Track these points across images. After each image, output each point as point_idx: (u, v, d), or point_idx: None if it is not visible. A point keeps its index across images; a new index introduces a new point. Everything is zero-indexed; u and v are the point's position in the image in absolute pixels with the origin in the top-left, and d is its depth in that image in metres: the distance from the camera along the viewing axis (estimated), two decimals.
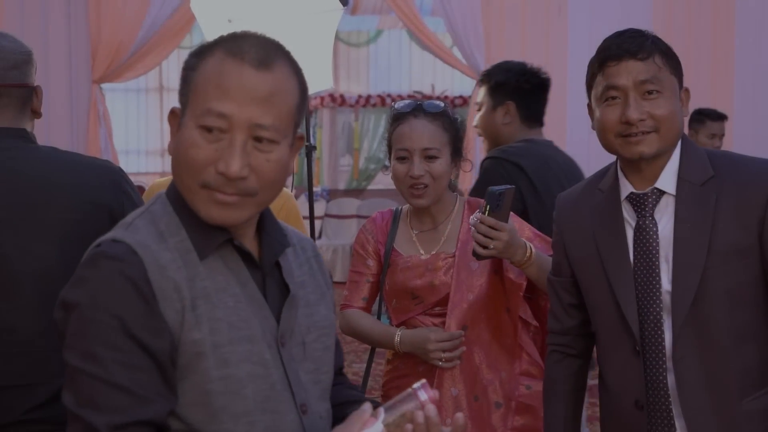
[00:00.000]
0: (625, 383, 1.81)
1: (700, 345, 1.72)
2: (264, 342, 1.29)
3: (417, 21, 7.31)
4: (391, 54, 10.76)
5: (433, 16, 7.97)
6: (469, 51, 7.21)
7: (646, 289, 1.76)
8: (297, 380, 1.33)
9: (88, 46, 6.74)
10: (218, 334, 1.23)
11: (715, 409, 1.72)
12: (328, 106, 9.36)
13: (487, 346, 2.20)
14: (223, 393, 1.22)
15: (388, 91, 10.22)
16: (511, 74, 2.87)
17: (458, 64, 7.46)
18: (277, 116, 1.24)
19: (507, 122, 2.89)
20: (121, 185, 1.93)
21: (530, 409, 2.20)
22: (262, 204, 1.30)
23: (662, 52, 1.74)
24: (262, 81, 1.22)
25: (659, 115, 1.71)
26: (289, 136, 1.28)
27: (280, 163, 1.25)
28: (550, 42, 7.40)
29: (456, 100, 9.36)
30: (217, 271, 1.28)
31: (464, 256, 2.21)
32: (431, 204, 2.23)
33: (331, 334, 1.45)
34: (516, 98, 2.86)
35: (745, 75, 7.14)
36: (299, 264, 1.43)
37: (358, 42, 10.68)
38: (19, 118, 1.91)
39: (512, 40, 7.37)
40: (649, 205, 1.77)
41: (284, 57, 1.28)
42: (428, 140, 2.18)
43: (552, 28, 7.39)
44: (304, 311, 1.39)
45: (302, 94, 1.30)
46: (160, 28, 6.73)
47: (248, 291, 1.31)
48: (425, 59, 9.51)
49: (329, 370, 1.42)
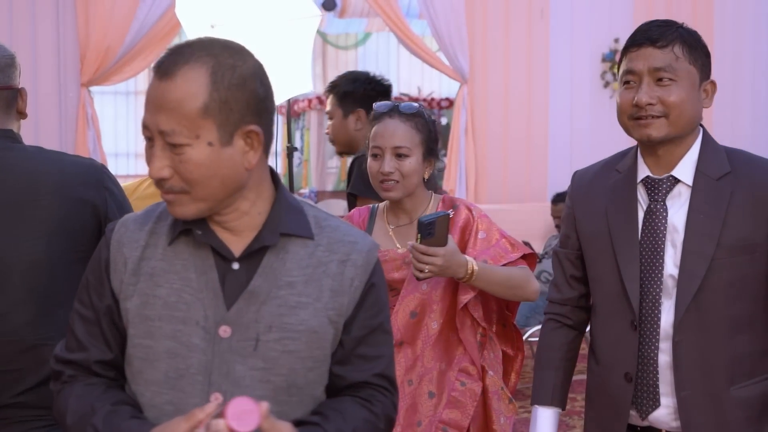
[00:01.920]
0: (618, 355, 1.89)
1: (699, 330, 1.80)
2: (199, 327, 1.39)
3: (402, 24, 7.36)
4: (379, 57, 10.80)
5: (421, 19, 8.04)
6: (453, 54, 7.29)
7: (649, 269, 1.84)
8: (224, 371, 1.39)
9: (76, 50, 6.79)
10: (151, 308, 1.41)
11: (706, 392, 1.81)
12: (316, 108, 9.39)
13: (433, 337, 2.30)
14: (141, 359, 1.42)
15: None
16: (359, 83, 3.09)
17: (443, 67, 7.53)
18: (179, 121, 1.32)
19: (359, 128, 3.09)
20: (103, 182, 2.02)
21: (460, 405, 2.29)
22: (206, 199, 1.37)
23: (685, 42, 1.81)
24: (163, 90, 1.33)
25: (669, 102, 1.78)
26: (207, 136, 1.33)
27: (195, 162, 1.33)
28: (532, 45, 7.49)
29: (442, 102, 9.45)
30: (179, 256, 1.43)
31: None
32: (402, 198, 2.34)
33: (303, 339, 1.41)
34: (365, 105, 3.04)
35: (724, 77, 7.27)
36: (305, 264, 1.44)
37: (347, 45, 10.72)
38: (5, 119, 2.00)
39: (495, 43, 7.45)
40: (662, 191, 1.85)
41: (195, 61, 1.34)
42: (399, 139, 2.30)
43: (534, 31, 7.48)
44: (274, 310, 1.41)
45: (217, 93, 1.33)
46: (148, 31, 6.75)
47: (206, 278, 1.41)
48: (413, 62, 9.56)
49: (290, 375, 1.41)
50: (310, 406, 1.45)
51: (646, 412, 1.86)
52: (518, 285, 2.31)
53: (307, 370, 1.42)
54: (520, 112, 7.52)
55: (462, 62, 7.31)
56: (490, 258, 2.30)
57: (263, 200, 1.45)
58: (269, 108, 1.42)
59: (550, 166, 7.60)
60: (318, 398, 1.47)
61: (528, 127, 7.56)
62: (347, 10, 9.04)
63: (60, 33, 6.76)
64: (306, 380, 1.43)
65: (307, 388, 1.44)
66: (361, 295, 1.46)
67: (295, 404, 1.42)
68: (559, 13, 7.49)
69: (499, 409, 2.35)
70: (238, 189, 1.40)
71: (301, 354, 1.41)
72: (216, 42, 1.39)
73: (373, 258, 1.49)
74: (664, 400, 1.84)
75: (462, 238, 2.34)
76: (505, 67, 7.49)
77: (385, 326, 1.51)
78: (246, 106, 1.36)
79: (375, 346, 1.49)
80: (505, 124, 7.54)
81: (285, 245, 1.44)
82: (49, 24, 6.75)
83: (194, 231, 1.42)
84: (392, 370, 1.54)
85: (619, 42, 7.50)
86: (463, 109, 7.43)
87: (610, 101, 7.57)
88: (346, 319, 1.45)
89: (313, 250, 1.45)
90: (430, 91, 9.87)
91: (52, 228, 1.92)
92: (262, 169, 1.45)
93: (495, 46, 7.46)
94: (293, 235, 1.44)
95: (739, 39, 7.51)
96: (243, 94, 1.35)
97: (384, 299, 1.53)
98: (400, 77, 10.61)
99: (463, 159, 7.48)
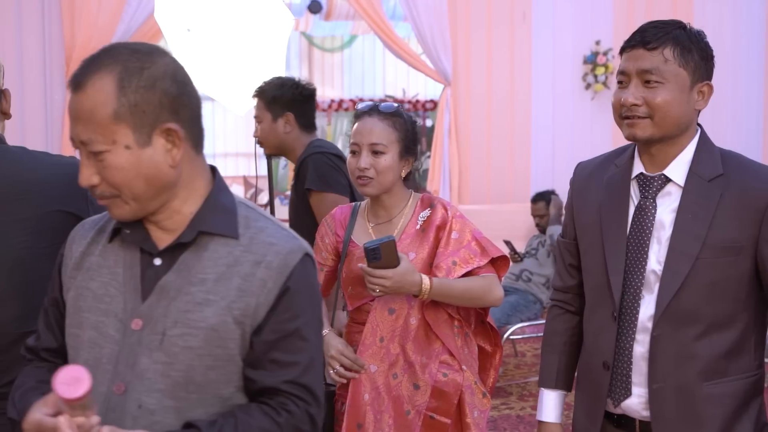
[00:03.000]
0: (599, 344, 1.95)
1: (677, 326, 1.83)
2: (117, 319, 1.45)
3: (386, 28, 7.40)
4: (365, 59, 10.83)
5: (405, 22, 8.10)
6: (436, 56, 7.35)
7: (633, 263, 1.88)
8: (131, 362, 1.42)
9: (62, 52, 6.81)
10: (84, 300, 1.49)
11: (678, 386, 1.84)
12: None
13: (413, 332, 2.37)
14: (72, 348, 1.51)
15: (362, 96, 10.29)
16: (286, 88, 3.19)
17: (427, 70, 7.59)
18: (93, 129, 1.37)
19: (288, 131, 3.20)
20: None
21: (445, 395, 2.36)
22: (137, 200, 1.41)
23: (678, 45, 1.82)
24: (76, 102, 1.38)
25: (654, 104, 1.80)
26: (123, 140, 1.37)
27: (116, 167, 1.38)
28: (514, 47, 7.55)
29: (427, 104, 9.51)
30: (114, 252, 1.50)
31: (403, 247, 2.38)
32: (377, 193, 2.41)
33: (202, 336, 1.41)
34: (293, 109, 3.17)
35: None
36: (221, 263, 1.44)
37: (332, 47, 10.75)
38: None
39: (478, 45, 7.51)
40: (653, 189, 1.88)
41: (101, 70, 1.37)
42: (376, 136, 2.37)
43: (516, 33, 7.54)
44: (182, 306, 1.42)
45: (126, 97, 1.36)
46: (134, 34, 6.78)
47: (130, 273, 1.47)
48: (398, 64, 9.61)
49: (188, 371, 1.41)
50: (216, 406, 1.43)
51: (618, 400, 1.92)
52: (477, 296, 2.38)
53: (206, 368, 1.41)
54: (503, 113, 7.58)
55: (445, 64, 7.38)
56: (459, 259, 2.36)
57: (195, 199, 1.47)
58: (188, 103, 1.43)
59: (533, 166, 7.65)
60: (227, 399, 1.44)
61: (511, 128, 7.62)
62: (333, 12, 9.08)
63: (45, 34, 6.79)
64: (206, 378, 1.42)
65: (209, 387, 1.42)
66: (275, 299, 1.43)
67: (194, 401, 1.42)
68: (541, 15, 7.56)
69: (473, 403, 2.40)
70: (168, 187, 1.43)
71: (199, 351, 1.41)
72: (124, 48, 1.41)
73: (292, 261, 1.45)
74: (636, 390, 1.89)
75: (437, 237, 2.40)
76: (488, 70, 7.55)
77: (302, 333, 1.45)
78: (159, 105, 1.38)
79: (289, 353, 1.44)
80: (488, 126, 7.60)
81: (206, 243, 1.45)
82: (34, 25, 6.78)
83: (123, 230, 1.48)
84: (312, 380, 1.47)
85: (600, 44, 7.58)
86: (446, 110, 7.49)
87: (591, 103, 7.65)
88: (259, 321, 1.42)
89: (232, 249, 1.45)
90: (415, 93, 9.94)
91: (36, 226, 1.97)
92: (194, 167, 1.47)
93: (478, 49, 7.52)
94: (216, 234, 1.45)
95: (718, 41, 7.58)
96: (154, 95, 1.38)
97: (305, 305, 1.47)
98: (386, 79, 10.65)
99: (447, 160, 7.53)
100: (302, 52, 10.66)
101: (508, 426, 4.50)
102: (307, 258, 1.49)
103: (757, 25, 7.92)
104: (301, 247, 1.48)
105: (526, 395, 4.98)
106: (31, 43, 6.70)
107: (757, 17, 7.91)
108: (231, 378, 1.44)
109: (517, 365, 5.59)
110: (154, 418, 1.41)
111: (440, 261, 2.36)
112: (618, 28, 7.49)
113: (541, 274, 5.47)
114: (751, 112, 7.98)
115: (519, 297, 5.35)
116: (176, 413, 1.41)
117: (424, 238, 2.40)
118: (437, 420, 2.35)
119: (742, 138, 7.67)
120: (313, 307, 1.50)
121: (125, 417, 1.41)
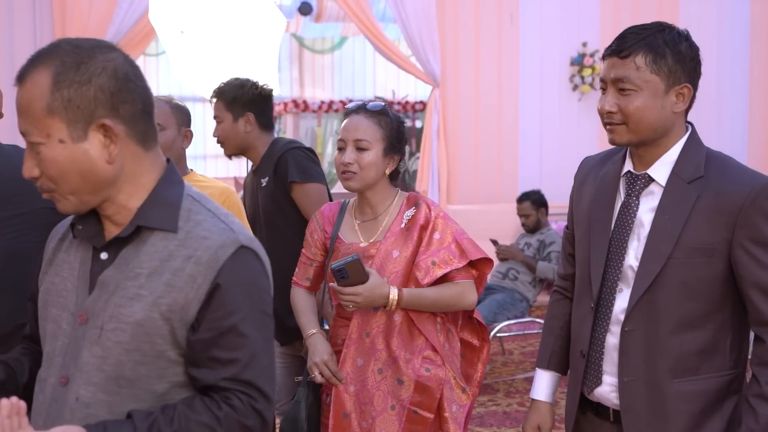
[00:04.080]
0: (579, 333, 2.03)
1: (649, 323, 1.88)
2: (70, 313, 1.48)
3: (375, 30, 7.44)
4: (355, 60, 10.85)
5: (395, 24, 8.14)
6: (425, 58, 7.41)
7: (613, 258, 1.95)
8: (74, 355, 1.45)
9: None
10: (50, 295, 1.53)
11: (648, 381, 1.89)
12: (292, 111, 9.48)
13: (397, 327, 2.43)
14: (41, 338, 1.55)
15: (352, 97, 10.31)
16: (246, 89, 3.27)
17: (416, 71, 7.63)
18: (30, 122, 1.39)
19: (249, 130, 3.27)
20: None
21: (427, 389, 2.42)
22: (74, 193, 1.42)
23: (651, 51, 1.84)
24: (18, 96, 1.41)
25: (627, 111, 1.86)
26: (57, 134, 1.38)
27: (50, 159, 1.39)
28: (502, 49, 7.61)
29: (416, 105, 9.55)
30: (76, 248, 1.53)
31: (387, 245, 2.45)
32: (360, 188, 2.47)
33: (129, 331, 1.40)
34: (253, 109, 3.25)
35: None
36: (157, 257, 1.43)
37: (323, 49, 10.78)
38: None
39: (466, 47, 7.57)
40: (637, 187, 1.93)
41: (40, 65, 1.39)
42: (361, 133, 2.44)
43: (504, 35, 7.60)
44: (118, 301, 1.42)
45: (60, 92, 1.36)
46: (125, 35, 6.82)
47: (84, 268, 1.49)
48: (388, 66, 9.65)
49: (118, 366, 1.41)
50: (150, 402, 1.42)
51: (591, 388, 2.00)
52: (449, 304, 2.45)
53: (135, 364, 1.40)
54: (491, 114, 7.65)
55: (434, 66, 7.43)
56: (439, 260, 2.42)
57: (142, 194, 1.46)
58: (130, 100, 1.41)
59: (521, 167, 7.72)
60: (161, 395, 1.43)
61: (498, 129, 7.68)
62: (323, 14, 9.11)
63: (37, 37, 6.82)
64: (135, 374, 1.41)
65: (140, 383, 1.41)
66: (206, 295, 1.40)
67: (126, 396, 1.41)
68: (529, 18, 7.63)
69: (451, 398, 2.45)
70: (106, 182, 1.42)
71: (127, 346, 1.40)
72: (67, 43, 1.41)
73: (223, 255, 1.41)
74: (607, 378, 1.97)
75: (420, 236, 2.45)
76: (476, 71, 7.62)
77: (240, 329, 1.41)
78: (94, 101, 1.37)
79: (228, 350, 1.41)
80: (476, 127, 7.66)
81: (146, 238, 1.44)
82: (26, 28, 6.82)
83: (76, 225, 1.50)
84: (255, 375, 1.43)
85: (587, 46, 7.65)
86: (435, 111, 7.54)
87: (578, 104, 7.72)
88: (192, 318, 1.40)
89: (168, 243, 1.43)
90: (405, 95, 9.98)
91: (29, 222, 2.03)
92: (140, 163, 1.46)
93: (466, 51, 7.58)
94: (156, 228, 1.44)
95: (704, 42, 7.64)
96: (89, 90, 1.37)
97: (241, 301, 1.42)
98: (376, 81, 10.67)
99: (436, 160, 7.58)
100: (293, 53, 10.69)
101: (494, 422, 4.55)
102: (244, 251, 1.44)
103: (742, 26, 8.00)
104: (235, 241, 1.44)
105: (512, 392, 5.04)
106: (22, 45, 6.72)
107: (741, 18, 7.99)
108: (163, 374, 1.42)
109: (504, 363, 5.65)
110: (88, 410, 1.42)
111: (420, 260, 2.41)
112: (604, 30, 7.57)
113: (528, 272, 5.54)
114: (736, 113, 8.07)
115: (506, 295, 5.41)
116: (109, 407, 1.41)
117: (409, 236, 2.45)
118: (420, 414, 2.40)
119: (727, 138, 7.75)
120: (252, 302, 1.44)
121: (65, 408, 1.43)
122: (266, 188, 3.21)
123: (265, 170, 3.22)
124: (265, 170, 3.22)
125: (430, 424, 2.42)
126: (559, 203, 6.65)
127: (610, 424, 2.00)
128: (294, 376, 3.12)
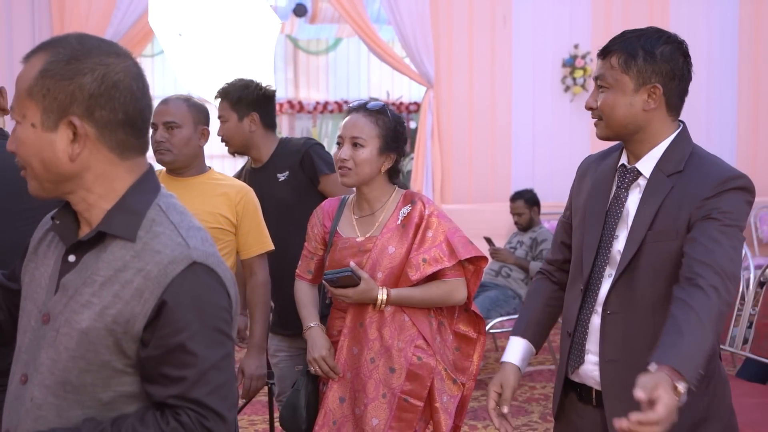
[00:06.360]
0: (568, 315, 2.13)
1: (626, 306, 1.99)
2: (38, 310, 1.47)
3: (370, 31, 7.50)
4: (350, 62, 10.87)
5: (389, 25, 8.19)
6: (419, 59, 7.48)
7: (604, 244, 2.06)
8: (34, 355, 1.45)
9: None
10: (28, 287, 1.53)
11: (626, 363, 1.98)
12: (287, 112, 9.52)
13: (388, 319, 2.52)
14: (18, 329, 1.54)
15: (347, 98, 10.33)
16: (250, 89, 3.34)
17: (410, 72, 7.71)
18: (15, 99, 1.42)
19: (253, 130, 3.35)
20: None
21: (418, 378, 2.50)
22: (36, 179, 1.44)
23: (625, 52, 1.98)
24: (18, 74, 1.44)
25: (600, 107, 2.02)
26: (31, 117, 1.39)
27: (20, 139, 1.41)
28: (495, 50, 7.68)
29: (411, 106, 9.61)
30: (56, 245, 1.52)
31: (383, 240, 2.53)
32: (355, 184, 2.56)
33: (75, 338, 1.39)
34: (257, 109, 3.33)
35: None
36: (113, 267, 1.41)
37: (318, 50, 10.80)
38: None
39: (460, 48, 7.63)
40: (627, 179, 2.05)
41: (40, 51, 1.42)
42: (358, 130, 2.53)
43: (497, 37, 7.67)
44: (73, 306, 1.42)
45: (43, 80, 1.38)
46: (123, 36, 6.85)
47: (56, 267, 1.48)
48: (383, 67, 9.68)
49: (64, 371, 1.41)
50: (95, 410, 1.41)
51: (574, 367, 2.09)
52: (437, 302, 2.55)
53: (80, 371, 1.39)
54: (484, 115, 7.72)
55: (428, 67, 7.50)
56: (429, 257, 2.51)
57: (113, 198, 1.44)
58: (111, 108, 1.40)
59: (514, 167, 7.79)
60: (107, 404, 1.42)
61: (492, 129, 7.75)
62: (318, 15, 9.14)
63: (36, 37, 6.86)
64: (80, 381, 1.40)
65: (84, 390, 1.41)
66: (152, 311, 1.37)
67: (72, 402, 1.41)
68: (521, 19, 7.70)
69: (442, 389, 2.53)
70: (66, 177, 1.42)
71: (73, 353, 1.39)
72: (74, 38, 1.43)
73: (172, 272, 1.37)
74: (589, 357, 2.06)
75: (415, 233, 2.54)
76: (470, 72, 7.69)
77: (187, 347, 1.37)
78: (71, 97, 1.38)
79: (176, 368, 1.37)
80: (470, 127, 7.74)
81: (108, 245, 1.42)
82: (25, 28, 6.87)
83: (54, 219, 1.51)
84: (203, 393, 1.39)
85: (578, 48, 7.73)
86: (429, 112, 7.61)
87: (570, 104, 7.80)
88: (139, 333, 1.38)
89: (125, 253, 1.41)
90: (399, 96, 10.03)
91: (43, 215, 2.11)
92: (113, 169, 1.44)
93: (460, 52, 7.64)
94: (117, 236, 1.42)
95: (694, 43, 7.71)
96: (69, 86, 1.38)
97: (189, 319, 1.38)
98: (371, 82, 10.68)
99: (430, 161, 7.65)
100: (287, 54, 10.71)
101: (488, 416, 4.62)
102: (196, 267, 1.40)
103: (731, 28, 8.09)
104: (187, 257, 1.39)
105: None
106: (20, 46, 6.76)
107: (730, 20, 8.08)
108: (108, 383, 1.41)
109: (497, 359, 5.70)
110: (40, 412, 1.42)
111: (412, 257, 2.50)
112: (596, 32, 7.64)
113: (520, 270, 5.63)
114: (725, 114, 8.14)
115: (498, 292, 5.49)
116: (56, 411, 1.41)
117: (404, 233, 2.53)
118: (410, 403, 2.48)
119: (716, 139, 7.81)
120: (203, 319, 1.39)
121: (22, 407, 1.44)
122: (286, 182, 3.29)
123: (282, 166, 3.30)
124: (281, 166, 3.30)
125: (419, 412, 2.49)
126: (551, 203, 6.74)
127: (593, 408, 2.08)
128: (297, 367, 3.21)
